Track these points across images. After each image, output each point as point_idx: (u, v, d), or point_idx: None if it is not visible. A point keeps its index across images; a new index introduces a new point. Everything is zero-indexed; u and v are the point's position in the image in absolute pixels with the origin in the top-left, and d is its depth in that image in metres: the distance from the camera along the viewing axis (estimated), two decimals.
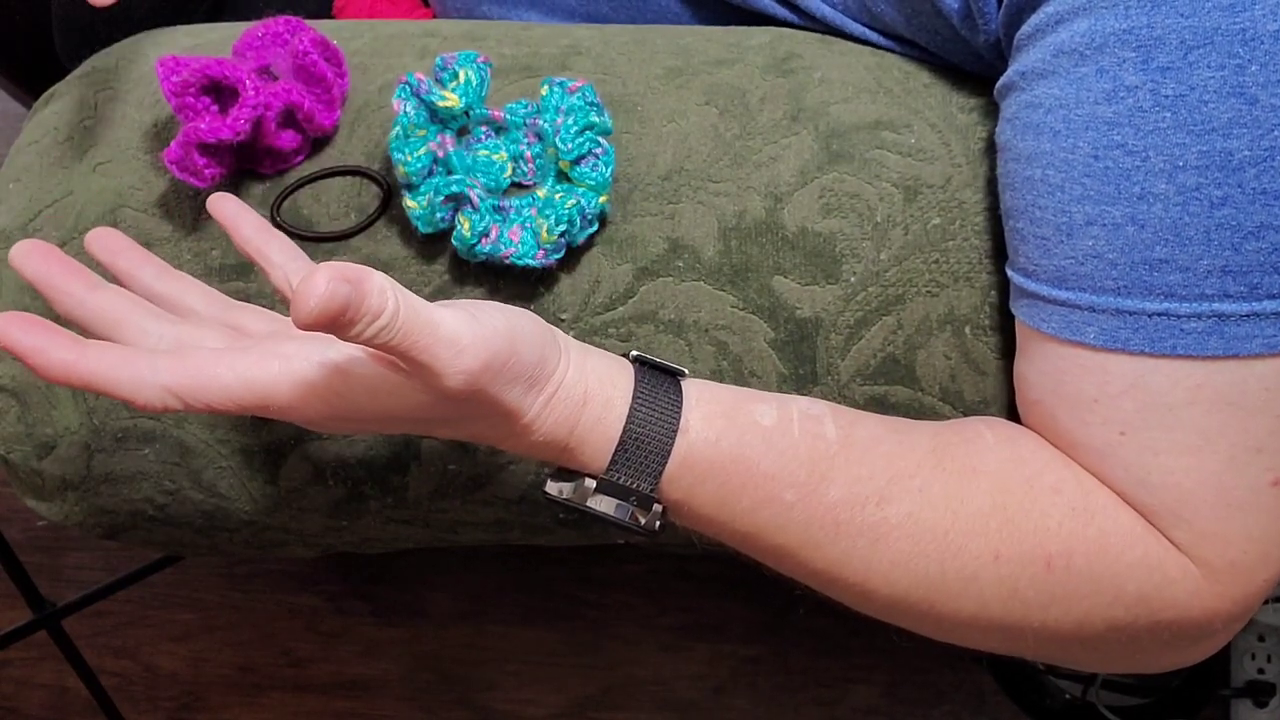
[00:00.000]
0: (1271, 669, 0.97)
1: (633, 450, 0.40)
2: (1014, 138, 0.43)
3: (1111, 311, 0.39)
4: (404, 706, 1.04)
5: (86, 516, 0.55)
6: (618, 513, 0.40)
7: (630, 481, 0.40)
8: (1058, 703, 0.97)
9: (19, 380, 0.52)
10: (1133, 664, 0.44)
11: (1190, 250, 0.38)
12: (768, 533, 0.41)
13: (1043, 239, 0.42)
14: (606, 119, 0.49)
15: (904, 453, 0.42)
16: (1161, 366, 0.39)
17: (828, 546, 0.41)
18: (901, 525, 0.40)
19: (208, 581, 1.11)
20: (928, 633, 0.44)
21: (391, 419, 0.37)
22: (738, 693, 1.03)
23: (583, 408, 0.39)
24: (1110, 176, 0.39)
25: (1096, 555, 0.40)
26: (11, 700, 1.06)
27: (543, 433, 0.39)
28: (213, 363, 0.35)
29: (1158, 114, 0.38)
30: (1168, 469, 0.40)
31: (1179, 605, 0.40)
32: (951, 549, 0.40)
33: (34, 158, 0.55)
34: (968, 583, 0.40)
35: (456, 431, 0.39)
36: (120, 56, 0.59)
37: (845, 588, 0.42)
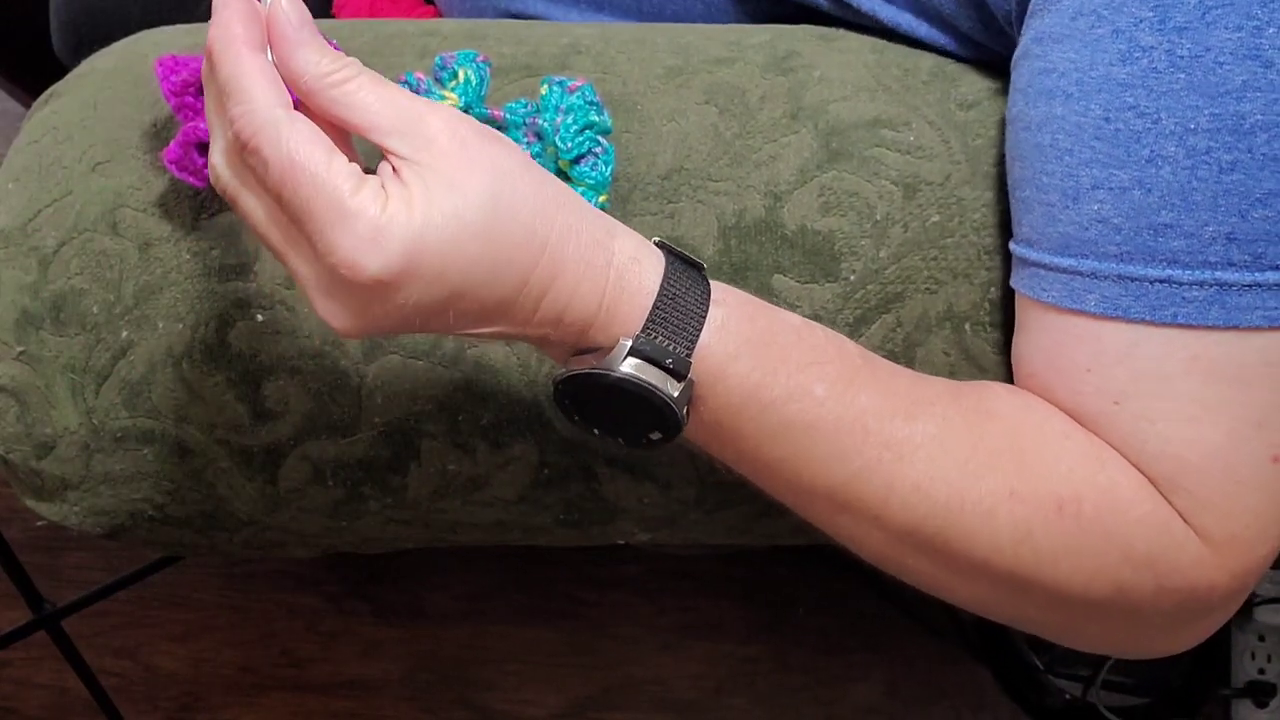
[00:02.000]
0: (1272, 669, 0.97)
1: (669, 309, 0.37)
2: (1025, 107, 0.42)
3: (1114, 278, 0.39)
4: (404, 706, 1.05)
5: (86, 516, 0.55)
6: (650, 377, 0.37)
7: (667, 342, 0.37)
8: (1058, 702, 0.97)
9: (19, 380, 0.52)
10: (1137, 638, 0.43)
11: (1196, 215, 0.37)
12: (794, 433, 0.39)
13: (1048, 205, 0.41)
14: (606, 118, 0.49)
15: (923, 384, 0.42)
16: (1158, 335, 0.38)
17: (853, 457, 0.39)
18: (925, 445, 0.39)
19: (208, 581, 1.11)
20: (931, 581, 0.42)
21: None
22: (737, 692, 1.03)
23: (607, 271, 0.37)
24: (1120, 139, 0.38)
25: (1107, 506, 0.39)
26: (11, 700, 1.06)
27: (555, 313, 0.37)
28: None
29: (1171, 75, 0.37)
30: (1165, 438, 0.39)
31: (1183, 571, 0.40)
32: (970, 477, 0.39)
33: (33, 158, 0.55)
34: (984, 518, 0.39)
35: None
36: (120, 56, 0.59)
37: (860, 512, 0.40)
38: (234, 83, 0.34)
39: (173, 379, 0.51)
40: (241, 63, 0.35)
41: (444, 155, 0.35)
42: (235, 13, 0.35)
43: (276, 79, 0.35)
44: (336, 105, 0.35)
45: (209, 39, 0.35)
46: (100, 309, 0.51)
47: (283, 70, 0.36)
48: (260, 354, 0.51)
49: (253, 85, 0.34)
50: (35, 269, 0.52)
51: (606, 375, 0.37)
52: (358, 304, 0.35)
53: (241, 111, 0.34)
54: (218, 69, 0.35)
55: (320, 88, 0.35)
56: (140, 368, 0.51)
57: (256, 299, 0.51)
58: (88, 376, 0.52)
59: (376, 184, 0.34)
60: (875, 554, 0.43)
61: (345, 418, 0.51)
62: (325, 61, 0.35)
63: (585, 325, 0.38)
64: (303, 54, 0.35)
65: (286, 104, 0.35)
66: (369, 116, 0.35)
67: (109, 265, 0.52)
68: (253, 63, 0.35)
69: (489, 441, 0.51)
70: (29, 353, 0.52)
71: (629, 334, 0.37)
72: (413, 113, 0.35)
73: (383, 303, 0.35)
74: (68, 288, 0.52)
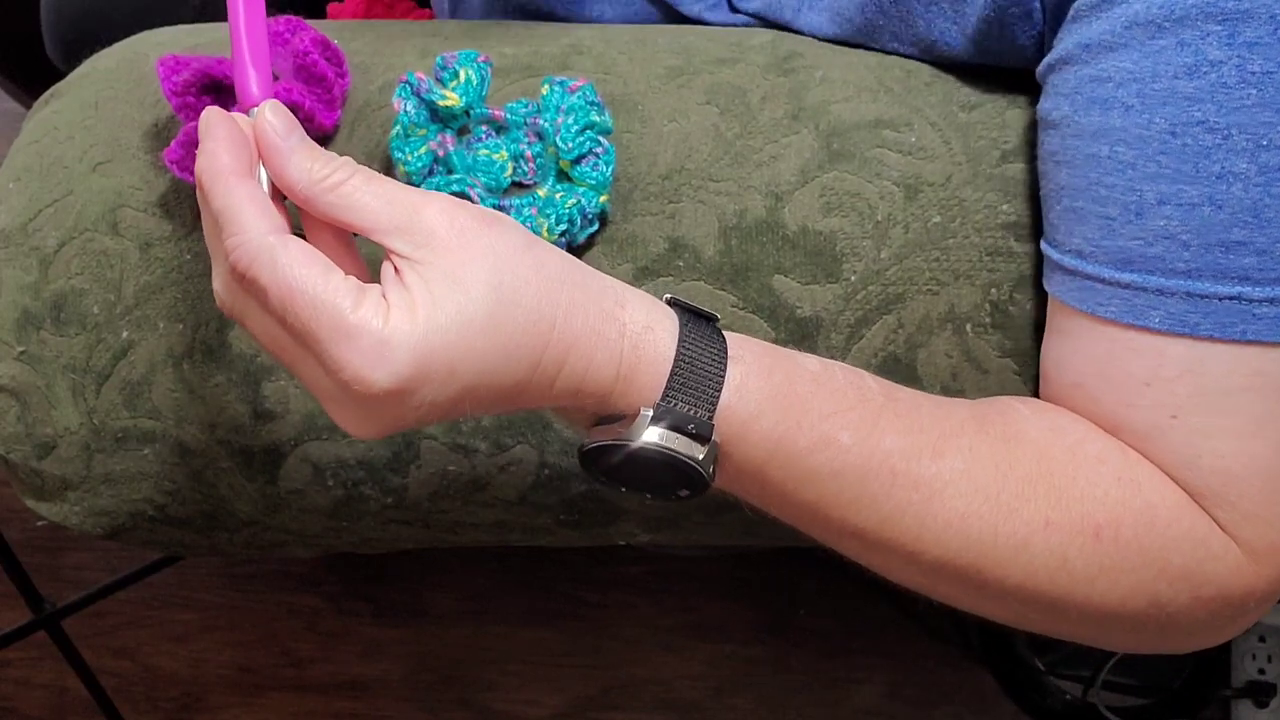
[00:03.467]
0: (1272, 669, 0.97)
1: (688, 374, 0.37)
2: (1075, 112, 0.41)
3: (1181, 295, 0.38)
4: (404, 706, 1.05)
5: (87, 516, 0.55)
6: (674, 445, 0.37)
7: (688, 408, 0.37)
8: (1058, 703, 0.97)
9: (19, 380, 0.52)
10: (1166, 642, 0.43)
11: (1269, 233, 0.37)
12: (822, 481, 0.39)
13: (1107, 218, 0.40)
14: (607, 118, 0.49)
15: (946, 415, 0.41)
16: (1225, 351, 0.38)
17: (883, 500, 0.39)
18: (955, 482, 0.39)
19: (208, 581, 1.11)
20: (966, 604, 0.42)
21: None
22: (738, 693, 1.03)
23: (620, 342, 0.37)
24: (1189, 154, 0.38)
25: (1144, 527, 0.39)
26: (11, 700, 1.06)
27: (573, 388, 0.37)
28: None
29: (1243, 91, 0.37)
30: (1218, 452, 0.39)
31: (1219, 582, 0.40)
32: (1004, 511, 0.39)
33: (34, 158, 0.55)
34: (1018, 549, 0.39)
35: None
36: (120, 56, 0.59)
37: (893, 549, 0.40)
38: (226, 214, 0.35)
39: (173, 379, 0.51)
40: (231, 194, 0.35)
41: (444, 250, 0.35)
42: (220, 142, 0.36)
43: (267, 204, 0.35)
44: (334, 209, 0.36)
45: (197, 169, 0.36)
46: (101, 309, 0.51)
47: (278, 181, 0.36)
48: (260, 354, 0.51)
49: (243, 214, 0.35)
50: (36, 269, 0.52)
51: (630, 446, 0.37)
52: (373, 413, 0.35)
53: (236, 243, 0.35)
54: (210, 201, 0.36)
55: (316, 193, 0.36)
56: (141, 368, 0.51)
57: None
58: (88, 376, 0.52)
59: (377, 295, 0.34)
60: (908, 583, 0.43)
61: None
62: (317, 167, 0.36)
63: (604, 395, 0.38)
64: (295, 162, 0.36)
65: (280, 228, 0.35)
66: (367, 217, 0.35)
67: (110, 265, 0.52)
68: (242, 191, 0.35)
69: (489, 442, 0.51)
70: (30, 353, 0.52)
71: (649, 403, 0.37)
72: (409, 208, 0.35)
73: (398, 407, 0.35)
74: (68, 288, 0.52)
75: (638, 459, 0.38)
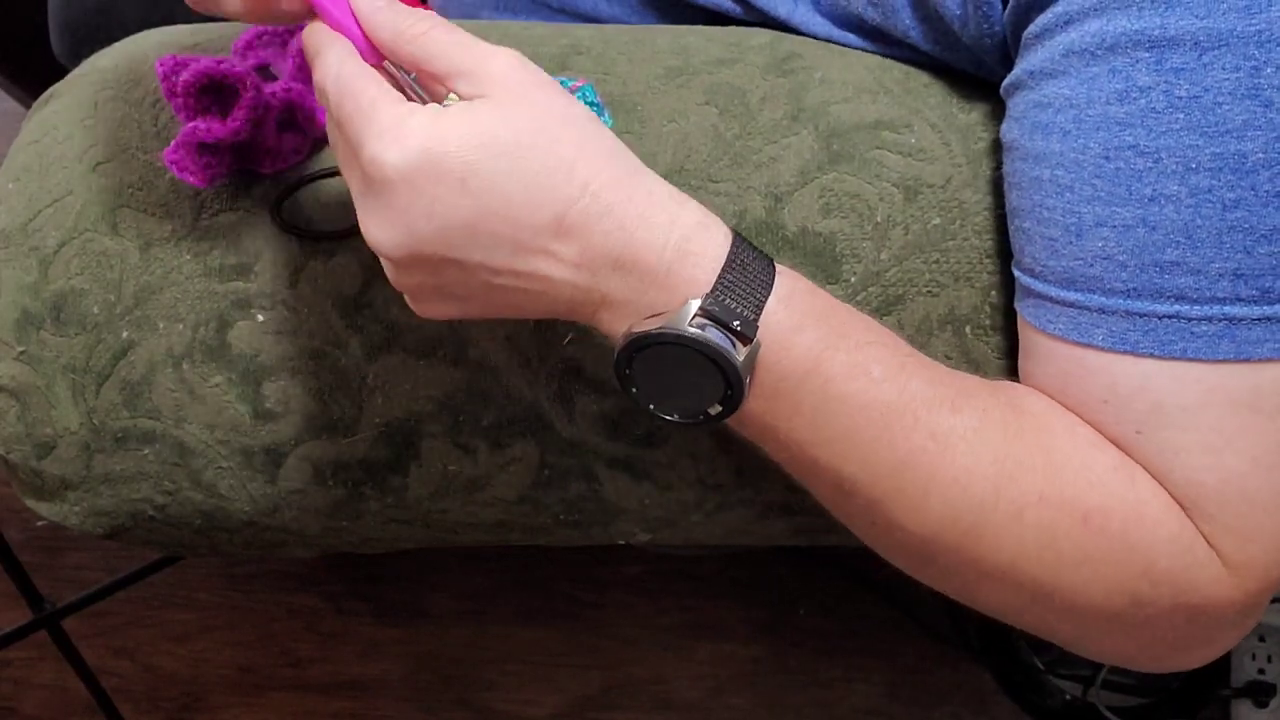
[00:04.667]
0: (1271, 669, 0.97)
1: (738, 274, 0.38)
2: (1021, 137, 0.43)
3: (1121, 314, 0.39)
4: (404, 706, 1.05)
5: (86, 516, 0.55)
6: (717, 339, 0.37)
7: (735, 304, 0.38)
8: (1058, 703, 0.97)
9: (19, 380, 0.52)
10: (1145, 653, 0.43)
11: (1202, 253, 0.38)
12: (849, 411, 0.39)
13: (1050, 239, 0.41)
14: (607, 118, 0.49)
15: (963, 378, 0.42)
16: (1170, 369, 0.39)
17: (901, 443, 0.39)
18: (968, 438, 0.40)
19: (208, 581, 1.11)
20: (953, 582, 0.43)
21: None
22: (738, 692, 1.03)
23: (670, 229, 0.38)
24: (1121, 177, 0.39)
25: (1134, 522, 0.39)
26: (11, 700, 1.06)
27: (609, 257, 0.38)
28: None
29: (1171, 115, 0.37)
30: (1190, 466, 0.39)
31: (1202, 590, 0.40)
32: (1005, 476, 0.39)
33: (34, 158, 0.55)
34: (1013, 519, 0.40)
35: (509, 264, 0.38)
36: (120, 56, 0.59)
37: (898, 502, 0.41)
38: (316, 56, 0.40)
39: (173, 379, 0.51)
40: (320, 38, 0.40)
41: (500, 87, 0.37)
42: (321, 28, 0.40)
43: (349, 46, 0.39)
44: (415, 55, 0.39)
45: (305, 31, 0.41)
46: (100, 309, 0.51)
47: (371, 35, 0.40)
48: (260, 354, 0.51)
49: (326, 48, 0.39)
50: (36, 269, 0.52)
51: (673, 334, 0.38)
52: (387, 209, 0.37)
53: (319, 71, 0.39)
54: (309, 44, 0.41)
55: (401, 41, 0.39)
56: (140, 368, 0.51)
57: (256, 299, 0.51)
58: (88, 376, 0.52)
59: (418, 105, 0.37)
60: (909, 550, 0.43)
61: (345, 418, 0.51)
62: (403, 19, 0.39)
63: (647, 279, 0.38)
64: (384, 17, 0.39)
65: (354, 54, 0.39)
66: (440, 61, 0.38)
67: (109, 265, 0.52)
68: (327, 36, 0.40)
69: (490, 442, 0.51)
70: (29, 353, 0.52)
71: (697, 295, 0.38)
72: (480, 55, 0.38)
73: (411, 206, 0.36)
74: (68, 288, 0.52)
75: (674, 355, 0.38)
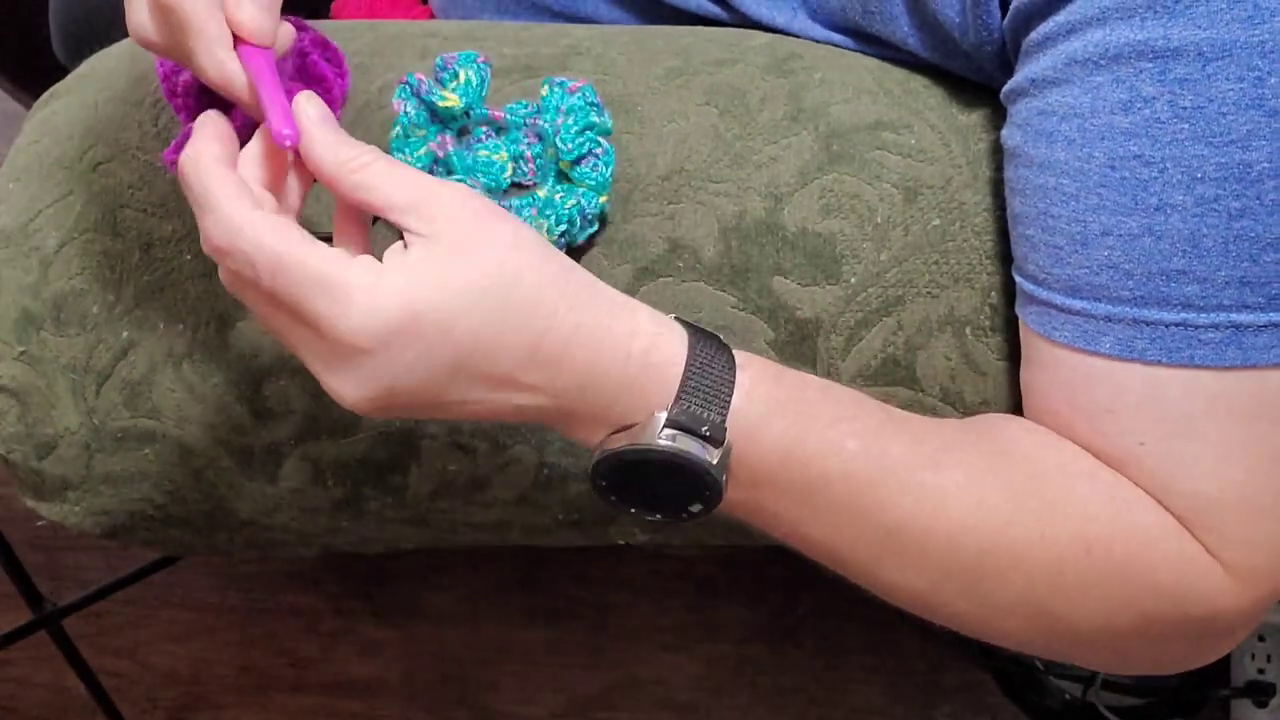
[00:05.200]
0: (1271, 669, 0.97)
1: (700, 378, 0.38)
2: (1025, 143, 0.42)
3: (1128, 321, 0.39)
4: (404, 706, 1.05)
5: (87, 516, 0.55)
6: (688, 447, 0.37)
7: (702, 410, 0.38)
8: (1058, 703, 0.97)
9: (19, 380, 0.52)
10: (1152, 662, 0.44)
11: (1208, 261, 0.38)
12: (832, 489, 0.40)
13: (1056, 247, 0.41)
14: (607, 119, 0.49)
15: (939, 429, 0.42)
16: (1178, 377, 0.39)
17: (891, 509, 0.40)
18: (957, 494, 0.40)
19: (208, 581, 1.11)
20: (965, 621, 0.43)
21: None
22: (738, 693, 1.03)
23: (630, 342, 0.38)
24: (1127, 187, 0.39)
25: (1137, 545, 0.40)
26: (11, 700, 1.06)
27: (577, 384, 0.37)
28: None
29: (1175, 125, 0.37)
30: (1192, 477, 0.39)
31: (1206, 602, 0.40)
32: (1001, 523, 0.40)
33: (34, 158, 0.55)
34: (1016, 563, 0.40)
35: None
36: (120, 56, 0.59)
37: (896, 564, 0.41)
38: (203, 197, 0.36)
39: (173, 379, 0.51)
40: (208, 176, 0.36)
41: (453, 226, 0.36)
42: (204, 139, 0.37)
43: (244, 187, 0.36)
44: (357, 189, 0.37)
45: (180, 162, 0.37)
46: (101, 309, 0.51)
47: (309, 163, 0.38)
48: (260, 354, 0.51)
49: (218, 194, 0.35)
50: (36, 269, 0.52)
51: (644, 449, 0.38)
52: (366, 373, 0.36)
53: (212, 220, 0.35)
54: (190, 189, 0.36)
55: (342, 174, 0.37)
56: (141, 368, 0.51)
57: None
58: (88, 376, 0.52)
59: (370, 259, 0.36)
60: (915, 601, 0.43)
61: (345, 418, 0.51)
62: (344, 150, 0.37)
63: (612, 397, 0.38)
64: (325, 146, 0.37)
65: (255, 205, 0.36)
66: (385, 196, 0.36)
67: (109, 265, 0.52)
68: (217, 174, 0.36)
69: (489, 442, 0.51)
70: (30, 353, 0.52)
71: (663, 406, 0.38)
72: (427, 190, 0.37)
73: (389, 366, 0.35)
74: (69, 288, 0.52)
75: (651, 465, 0.38)
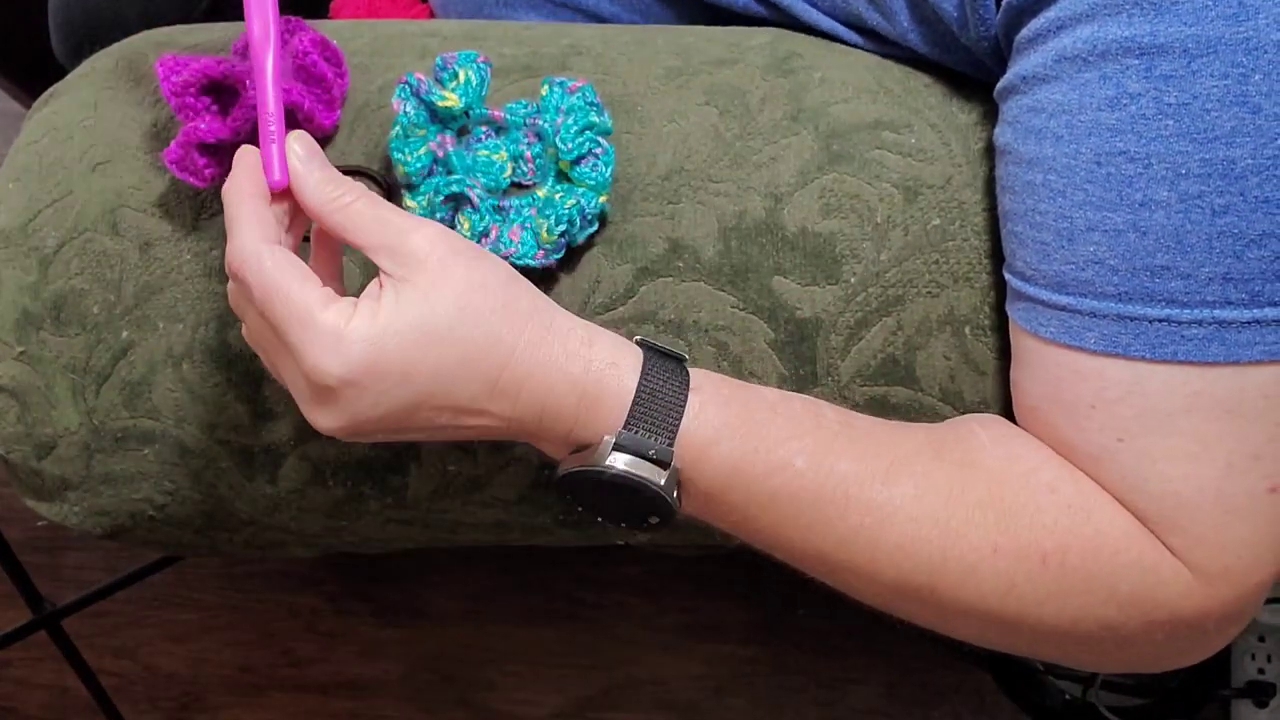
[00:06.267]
0: (1271, 669, 0.97)
1: (648, 405, 0.40)
2: (1014, 141, 0.43)
3: (1113, 317, 0.39)
4: (404, 706, 1.05)
5: (86, 516, 0.55)
6: (637, 470, 0.40)
7: (648, 436, 0.40)
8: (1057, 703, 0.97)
9: (19, 380, 0.52)
10: (1128, 663, 0.44)
11: (1192, 257, 0.38)
12: (780, 504, 0.41)
13: (1042, 243, 0.42)
14: (607, 119, 0.49)
15: (902, 440, 0.43)
16: (1160, 372, 0.39)
17: (837, 523, 0.41)
18: (905, 508, 0.41)
19: (208, 581, 1.11)
20: (929, 623, 0.44)
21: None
22: (737, 693, 1.03)
23: (584, 375, 0.41)
24: (1112, 183, 0.39)
25: (1091, 554, 0.40)
26: (11, 700, 1.06)
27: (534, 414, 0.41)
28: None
29: (1160, 122, 0.38)
30: (1166, 476, 0.40)
31: (1171, 606, 0.40)
32: (952, 535, 0.41)
33: (34, 158, 0.55)
34: (967, 573, 0.41)
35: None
36: (120, 56, 0.59)
37: (851, 571, 0.42)
38: (229, 223, 0.41)
39: (173, 379, 0.51)
40: (237, 206, 0.41)
41: (421, 269, 0.39)
42: (243, 165, 0.42)
43: (267, 218, 0.41)
44: (338, 225, 0.41)
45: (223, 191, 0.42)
46: (100, 309, 0.51)
47: (299, 197, 0.42)
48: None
49: (241, 223, 0.40)
50: (36, 269, 0.52)
51: (594, 471, 0.41)
52: (335, 406, 0.39)
53: (231, 246, 0.40)
54: (225, 212, 0.41)
55: (327, 210, 0.41)
56: (140, 368, 0.51)
57: None
58: (88, 377, 0.52)
59: (347, 303, 0.39)
60: (873, 603, 0.44)
61: None
62: (330, 188, 0.41)
63: (568, 424, 0.41)
64: (313, 182, 0.41)
65: (273, 239, 0.40)
66: (362, 234, 0.40)
67: (109, 265, 0.52)
68: (245, 206, 0.41)
69: (489, 442, 0.51)
70: (29, 353, 0.52)
71: (611, 431, 0.41)
72: (398, 230, 0.40)
73: (356, 402, 0.39)
74: (68, 288, 0.52)
75: (604, 484, 0.41)
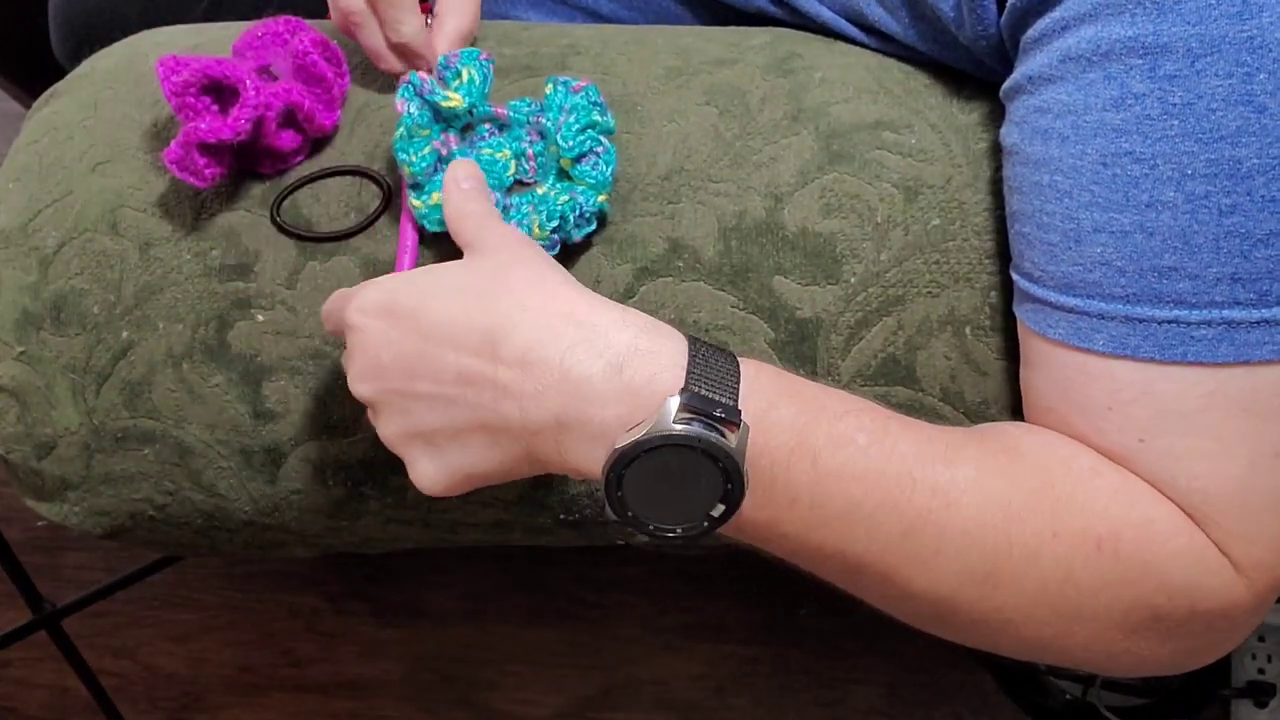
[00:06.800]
0: (1271, 669, 0.97)
1: (704, 366, 0.37)
2: (1021, 141, 0.43)
3: (1121, 319, 0.39)
4: (404, 706, 1.05)
5: (86, 517, 0.55)
6: (704, 430, 0.36)
7: (711, 393, 0.37)
8: (1058, 703, 0.97)
9: (19, 380, 0.52)
10: (1160, 661, 0.43)
11: (1199, 258, 0.38)
12: (845, 486, 0.38)
13: (1050, 245, 0.41)
14: (609, 118, 0.49)
15: (944, 430, 0.42)
16: (1171, 373, 0.39)
17: (904, 507, 0.39)
18: (969, 490, 0.39)
19: (208, 581, 1.11)
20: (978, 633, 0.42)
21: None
22: (738, 693, 1.03)
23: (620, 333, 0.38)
24: (1119, 184, 0.39)
25: (1144, 540, 0.40)
26: (11, 700, 1.06)
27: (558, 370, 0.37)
28: None
29: (1165, 122, 0.37)
30: (1192, 474, 0.39)
31: (1216, 596, 0.40)
32: (1015, 520, 0.39)
33: (34, 158, 0.55)
34: (1030, 560, 0.39)
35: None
36: (120, 56, 0.59)
37: (914, 563, 0.39)
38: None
39: (173, 379, 0.51)
40: None
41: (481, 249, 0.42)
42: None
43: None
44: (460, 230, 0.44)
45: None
46: (100, 309, 0.51)
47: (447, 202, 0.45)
48: (260, 354, 0.51)
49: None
50: (36, 269, 0.52)
51: (662, 436, 0.36)
52: (359, 352, 0.41)
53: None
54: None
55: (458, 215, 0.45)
56: (140, 368, 0.51)
57: (256, 299, 0.51)
58: (88, 376, 0.52)
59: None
60: (923, 614, 0.42)
61: (345, 418, 0.51)
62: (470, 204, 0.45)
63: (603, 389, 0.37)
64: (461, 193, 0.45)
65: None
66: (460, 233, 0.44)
67: (109, 265, 0.52)
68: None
69: None
70: (29, 353, 0.52)
71: (672, 392, 0.37)
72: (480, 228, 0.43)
73: (372, 341, 0.41)
74: (68, 288, 0.52)
75: (668, 458, 0.37)
